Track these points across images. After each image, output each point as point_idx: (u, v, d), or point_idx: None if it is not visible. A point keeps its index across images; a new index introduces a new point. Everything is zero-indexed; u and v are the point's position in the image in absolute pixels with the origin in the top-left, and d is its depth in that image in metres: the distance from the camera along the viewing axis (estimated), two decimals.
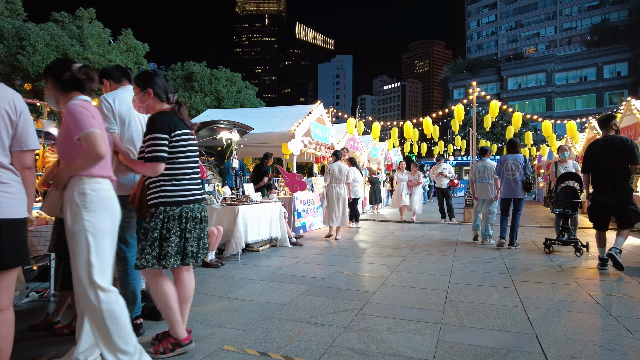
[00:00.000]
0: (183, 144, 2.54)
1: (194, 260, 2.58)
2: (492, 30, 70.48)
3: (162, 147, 2.42)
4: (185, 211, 2.51)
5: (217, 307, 3.56)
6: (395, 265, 5.27)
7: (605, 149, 4.93)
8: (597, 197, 4.97)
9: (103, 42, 24.06)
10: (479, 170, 7.35)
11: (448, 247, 6.85)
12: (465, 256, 5.98)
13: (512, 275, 4.76)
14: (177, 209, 2.49)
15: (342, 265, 5.31)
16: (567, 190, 6.24)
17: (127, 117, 2.88)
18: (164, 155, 2.43)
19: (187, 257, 2.53)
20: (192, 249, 2.56)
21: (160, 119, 2.48)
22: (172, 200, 2.48)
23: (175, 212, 2.48)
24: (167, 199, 2.48)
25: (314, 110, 9.18)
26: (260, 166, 8.26)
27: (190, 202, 2.55)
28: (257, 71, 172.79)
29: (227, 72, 35.96)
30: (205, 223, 2.69)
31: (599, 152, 4.97)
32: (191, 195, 2.56)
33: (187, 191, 2.54)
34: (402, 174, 11.14)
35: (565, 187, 6.28)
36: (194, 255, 2.57)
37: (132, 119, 2.90)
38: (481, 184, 7.29)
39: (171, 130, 2.49)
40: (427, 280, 4.51)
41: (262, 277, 4.66)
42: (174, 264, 2.46)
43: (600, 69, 52.89)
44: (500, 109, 11.44)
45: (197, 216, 2.60)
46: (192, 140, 2.63)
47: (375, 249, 6.60)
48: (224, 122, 6.18)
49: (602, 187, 4.93)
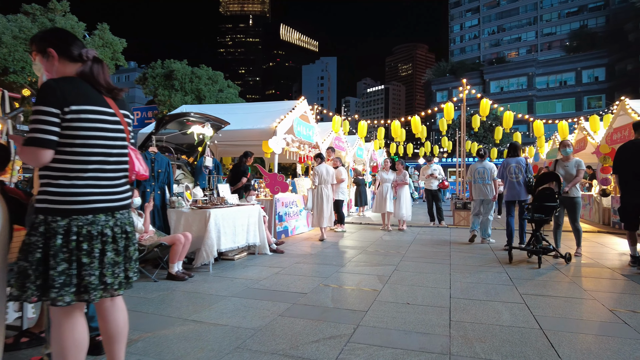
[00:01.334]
0: (84, 125, 1.77)
1: (105, 295, 1.86)
2: (474, 34, 71.15)
3: (46, 125, 1.70)
4: (77, 225, 1.74)
5: (177, 334, 2.91)
6: (387, 276, 4.69)
7: (635, 151, 5.12)
8: (626, 197, 5.18)
9: (77, 36, 22.96)
10: (478, 172, 7.45)
11: (442, 253, 6.32)
12: (463, 264, 5.44)
13: (518, 286, 4.24)
14: (63, 221, 1.73)
15: (328, 276, 4.71)
16: (546, 192, 5.49)
17: None
18: (50, 138, 1.70)
19: (87, 290, 1.76)
20: (94, 280, 1.78)
21: (50, 86, 1.74)
22: (55, 207, 1.73)
23: (60, 225, 1.72)
24: (50, 204, 1.73)
25: (297, 107, 8.56)
26: (238, 165, 7.60)
27: (88, 212, 1.77)
28: (241, 72, 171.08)
29: (208, 70, 35.07)
30: (128, 242, 1.96)
31: (630, 154, 5.15)
32: (93, 202, 1.79)
33: (83, 195, 1.76)
34: (386, 174, 9.48)
35: (545, 188, 5.56)
36: (101, 289, 1.82)
37: None
38: (481, 184, 7.38)
39: (65, 103, 1.73)
40: (425, 294, 3.95)
41: (235, 292, 4.02)
42: (61, 299, 1.70)
43: (579, 73, 53.96)
44: (490, 109, 10.99)
45: (106, 233, 1.83)
46: (104, 122, 1.85)
47: (364, 257, 6.01)
48: (195, 115, 5.51)
49: (632, 188, 5.11)
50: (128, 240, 1.97)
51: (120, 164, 1.96)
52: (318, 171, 7.99)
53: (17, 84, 19.98)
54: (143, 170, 2.19)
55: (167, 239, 4.56)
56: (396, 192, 9.39)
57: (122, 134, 1.98)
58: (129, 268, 1.98)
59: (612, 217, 9.81)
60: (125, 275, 1.95)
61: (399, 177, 9.47)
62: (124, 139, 1.99)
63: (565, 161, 6.12)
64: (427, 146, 16.70)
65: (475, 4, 70.31)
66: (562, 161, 6.15)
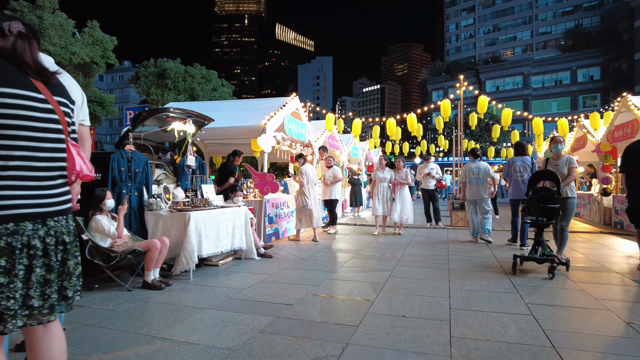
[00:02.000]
0: (2, 112, 1.45)
1: (31, 322, 1.51)
2: (470, 33, 71.10)
3: None
4: None
5: (140, 355, 2.54)
6: (382, 283, 4.34)
7: None
8: (633, 197, 5.04)
9: (66, 33, 22.51)
10: (473, 172, 7.36)
11: (440, 257, 5.98)
12: (462, 269, 5.10)
13: (523, 294, 3.90)
14: None
15: (317, 284, 4.35)
16: (542, 192, 4.95)
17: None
18: None
19: (2, 319, 1.41)
20: (13, 305, 1.42)
21: None
22: None
23: None
24: None
25: (288, 104, 8.19)
26: (226, 165, 7.23)
27: (8, 219, 1.43)
28: (237, 71, 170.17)
29: (202, 69, 34.64)
30: (67, 254, 1.62)
31: (638, 153, 5.01)
32: (15, 207, 1.45)
33: (2, 199, 1.43)
34: (382, 172, 8.51)
35: (540, 188, 5.03)
36: (25, 315, 1.48)
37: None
38: (477, 184, 7.29)
39: None
40: (423, 304, 3.60)
41: (214, 303, 3.65)
42: None
43: (574, 72, 54.10)
44: (488, 107, 10.66)
45: (35, 245, 1.50)
46: (31, 109, 1.51)
47: (357, 261, 5.66)
48: (175, 111, 5.13)
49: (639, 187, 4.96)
50: (66, 252, 1.62)
51: (54, 161, 1.61)
52: (305, 171, 7.70)
53: None
54: (87, 169, 1.81)
55: (142, 245, 4.19)
56: (394, 192, 8.43)
57: (56, 124, 1.62)
58: (68, 286, 1.63)
59: (614, 217, 9.52)
60: (60, 296, 1.60)
61: (399, 176, 8.48)
62: (59, 131, 1.63)
63: (555, 159, 5.57)
64: (423, 145, 16.37)
65: (470, 4, 70.23)
66: (553, 159, 5.60)
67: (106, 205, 4.26)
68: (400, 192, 8.45)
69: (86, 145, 2.09)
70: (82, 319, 3.22)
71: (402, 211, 8.41)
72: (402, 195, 8.44)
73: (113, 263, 4.00)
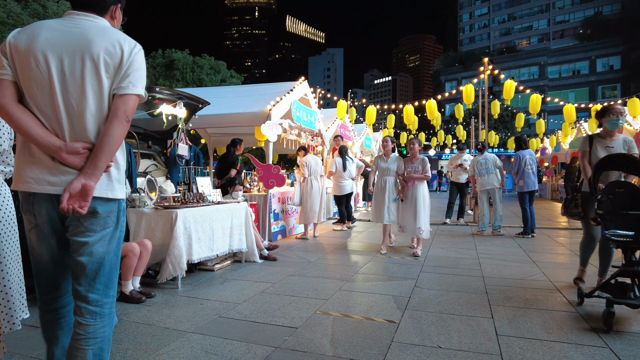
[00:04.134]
0: None
1: None
2: (484, 22, 69.33)
3: None
4: None
5: None
6: (406, 297, 3.59)
7: None
8: None
9: None
10: (480, 163, 7.53)
11: (469, 261, 5.20)
12: (499, 276, 4.32)
13: (588, 320, 3.12)
14: None
15: (328, 297, 3.61)
16: (621, 190, 3.20)
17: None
18: None
19: None
20: None
21: None
22: None
23: None
24: None
25: (296, 88, 7.43)
26: (226, 155, 6.53)
27: None
28: (247, 64, 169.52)
29: (210, 60, 33.99)
30: None
31: None
32: None
33: None
34: (385, 162, 5.86)
35: (615, 183, 3.30)
36: None
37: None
38: (487, 175, 7.45)
39: None
40: (461, 329, 2.84)
41: (200, 324, 2.94)
42: None
43: (593, 62, 52.36)
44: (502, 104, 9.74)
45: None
46: None
47: (374, 266, 4.92)
48: (163, 92, 4.41)
49: None
50: None
51: None
52: (307, 162, 7.07)
53: None
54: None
55: None
56: (404, 191, 5.70)
57: None
58: None
59: None
60: None
61: (412, 167, 5.65)
62: None
63: (608, 138, 3.73)
64: (440, 136, 15.43)
65: None
66: (602, 138, 3.75)
67: None
68: (415, 190, 5.60)
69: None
70: (26, 348, 2.53)
71: (418, 219, 5.51)
72: (418, 196, 5.57)
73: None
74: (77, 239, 1.50)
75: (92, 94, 1.47)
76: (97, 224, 1.51)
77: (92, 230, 1.51)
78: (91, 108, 1.47)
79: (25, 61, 1.45)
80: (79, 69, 1.46)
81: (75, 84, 1.46)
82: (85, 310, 1.51)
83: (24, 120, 1.42)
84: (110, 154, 1.46)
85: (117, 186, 1.55)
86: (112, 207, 1.55)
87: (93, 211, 1.49)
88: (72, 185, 1.41)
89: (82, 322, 1.50)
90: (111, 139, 1.44)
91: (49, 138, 1.43)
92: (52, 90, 1.45)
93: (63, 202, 1.40)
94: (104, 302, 1.55)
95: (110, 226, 1.55)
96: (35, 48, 1.45)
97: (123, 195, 1.60)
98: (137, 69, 1.53)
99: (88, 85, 1.46)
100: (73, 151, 1.44)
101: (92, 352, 1.50)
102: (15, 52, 1.46)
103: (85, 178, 1.42)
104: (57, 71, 1.45)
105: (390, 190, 5.77)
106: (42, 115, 1.46)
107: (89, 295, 1.52)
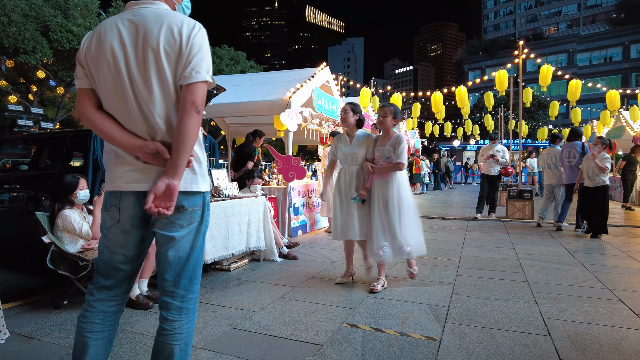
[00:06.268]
0: None
1: None
2: (510, 9, 67.04)
3: None
4: None
5: None
6: (445, 307, 3.16)
7: None
8: None
9: (90, 14, 21.95)
10: (550, 157, 7.41)
11: (509, 260, 4.71)
12: (546, 281, 3.83)
13: None
14: None
15: (355, 305, 3.21)
16: None
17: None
18: None
19: None
20: None
21: None
22: None
23: None
24: None
25: (317, 74, 7.00)
26: (243, 146, 6.17)
27: None
28: (267, 55, 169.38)
29: (230, 50, 33.75)
30: None
31: None
32: None
33: None
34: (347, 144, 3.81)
35: None
36: None
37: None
38: (550, 170, 7.38)
39: None
40: (515, 347, 2.39)
41: (211, 338, 2.59)
42: None
43: (626, 48, 49.84)
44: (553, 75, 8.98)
45: None
46: None
47: (405, 267, 4.48)
48: None
49: None
50: None
51: None
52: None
53: (29, 65, 19.19)
54: None
55: None
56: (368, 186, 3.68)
57: None
58: None
59: None
60: None
61: (380, 150, 3.68)
62: None
63: None
64: (467, 125, 14.70)
65: None
66: None
67: (78, 196, 3.27)
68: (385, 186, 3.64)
69: None
70: None
71: (395, 231, 3.60)
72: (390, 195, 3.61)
73: (82, 274, 3.00)
74: (164, 233, 1.47)
75: (158, 89, 1.42)
76: (184, 219, 1.48)
77: (179, 225, 1.48)
78: (160, 103, 1.43)
79: (99, 66, 1.43)
80: (143, 63, 1.41)
81: (142, 80, 1.41)
82: (172, 305, 1.49)
83: (105, 125, 1.44)
84: (187, 150, 1.39)
85: (200, 179, 1.52)
86: (197, 201, 1.52)
87: (179, 206, 1.46)
88: (157, 186, 1.37)
89: (169, 318, 1.49)
90: (184, 135, 1.37)
91: (129, 139, 1.43)
92: (124, 91, 1.42)
93: (148, 204, 1.37)
94: (189, 298, 1.53)
95: (196, 221, 1.52)
96: (105, 50, 1.42)
97: (207, 188, 1.56)
98: (198, 52, 1.42)
99: (154, 80, 1.41)
100: (151, 150, 1.41)
101: (179, 347, 1.49)
102: (90, 57, 1.45)
103: (168, 178, 1.38)
104: (125, 70, 1.41)
105: (348, 185, 3.77)
106: (119, 116, 1.46)
107: (175, 290, 1.50)
